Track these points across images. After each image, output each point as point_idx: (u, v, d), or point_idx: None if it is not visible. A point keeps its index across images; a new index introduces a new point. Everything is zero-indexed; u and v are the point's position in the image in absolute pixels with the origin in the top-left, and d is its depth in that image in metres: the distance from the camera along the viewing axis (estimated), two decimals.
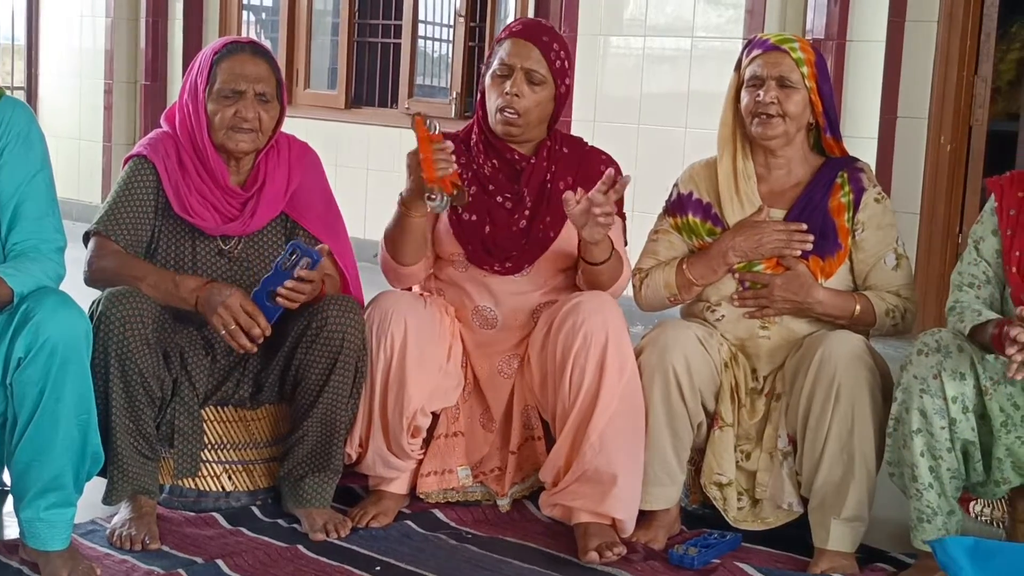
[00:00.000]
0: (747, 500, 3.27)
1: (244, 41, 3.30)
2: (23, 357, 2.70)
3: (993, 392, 2.88)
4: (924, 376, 2.89)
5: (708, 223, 3.35)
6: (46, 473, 2.78)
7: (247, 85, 3.17)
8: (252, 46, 3.27)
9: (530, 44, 3.29)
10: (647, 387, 3.18)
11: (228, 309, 3.02)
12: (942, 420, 2.88)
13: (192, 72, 3.25)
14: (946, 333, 2.93)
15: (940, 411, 2.88)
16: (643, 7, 6.15)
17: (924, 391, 2.88)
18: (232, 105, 3.17)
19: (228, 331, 3.03)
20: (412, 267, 3.35)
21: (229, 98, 3.17)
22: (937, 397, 2.87)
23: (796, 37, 3.37)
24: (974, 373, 2.88)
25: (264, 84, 3.20)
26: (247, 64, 3.19)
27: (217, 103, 3.18)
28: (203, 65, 3.21)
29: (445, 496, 3.40)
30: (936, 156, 5.59)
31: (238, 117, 3.17)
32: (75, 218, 7.52)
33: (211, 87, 3.19)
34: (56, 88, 8.88)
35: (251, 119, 3.18)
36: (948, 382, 2.87)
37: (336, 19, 7.89)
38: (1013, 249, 2.97)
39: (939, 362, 2.88)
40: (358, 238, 3.65)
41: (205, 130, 3.20)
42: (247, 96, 3.17)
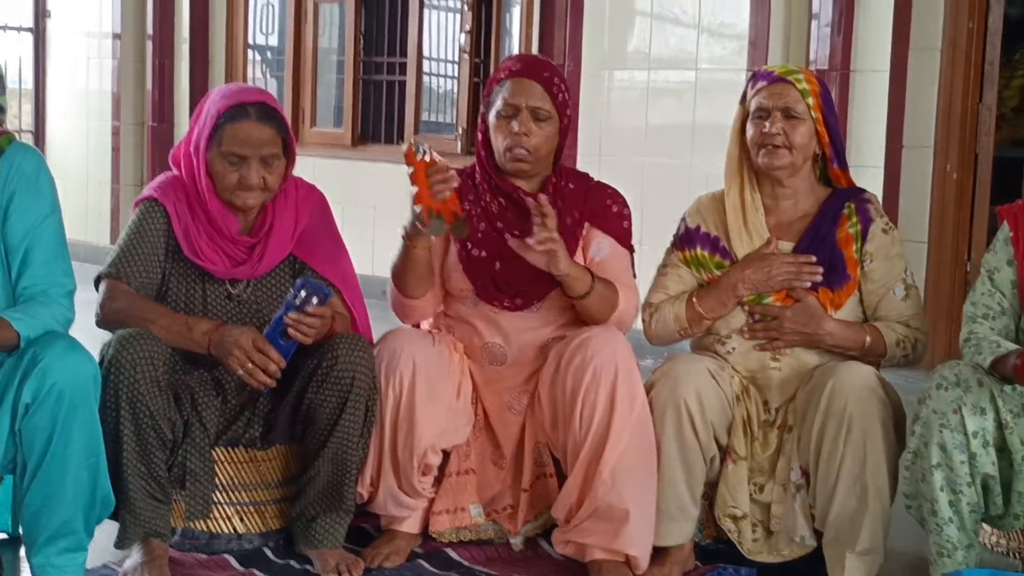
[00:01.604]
0: (762, 532, 3.25)
1: (250, 102, 3.18)
2: (31, 403, 2.70)
3: (1014, 426, 2.86)
4: (944, 411, 2.86)
5: (717, 256, 3.35)
6: (57, 518, 2.77)
7: (251, 151, 3.13)
8: (258, 110, 3.16)
9: (532, 82, 3.29)
10: (659, 421, 3.17)
11: (242, 349, 3.02)
12: (962, 455, 2.86)
13: (197, 124, 3.21)
14: (965, 367, 2.91)
15: (960, 446, 2.85)
16: (647, 40, 6.16)
17: (944, 426, 2.86)
18: (236, 170, 3.14)
19: (245, 370, 3.02)
20: (419, 300, 3.34)
21: (234, 164, 3.14)
22: (957, 432, 2.85)
23: (800, 68, 3.38)
24: (994, 407, 2.86)
25: (269, 147, 3.16)
26: (252, 130, 3.13)
27: (222, 165, 3.15)
28: (207, 122, 3.16)
29: (457, 535, 3.38)
30: (943, 184, 5.59)
31: (243, 181, 3.15)
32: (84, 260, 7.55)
33: (215, 146, 3.15)
34: (64, 130, 8.92)
35: (256, 183, 3.16)
36: (968, 417, 2.84)
37: (341, 57, 7.93)
38: None
39: (959, 396, 2.86)
40: (366, 275, 3.65)
41: (206, 188, 3.18)
42: (251, 161, 3.14)
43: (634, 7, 6.22)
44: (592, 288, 3.21)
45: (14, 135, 2.95)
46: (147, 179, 7.83)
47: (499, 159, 3.32)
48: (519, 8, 6.71)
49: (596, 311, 3.25)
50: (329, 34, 8.10)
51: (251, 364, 3.01)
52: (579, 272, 3.20)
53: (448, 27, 7.59)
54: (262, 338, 3.03)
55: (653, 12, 6.14)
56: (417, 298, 3.33)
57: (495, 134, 3.31)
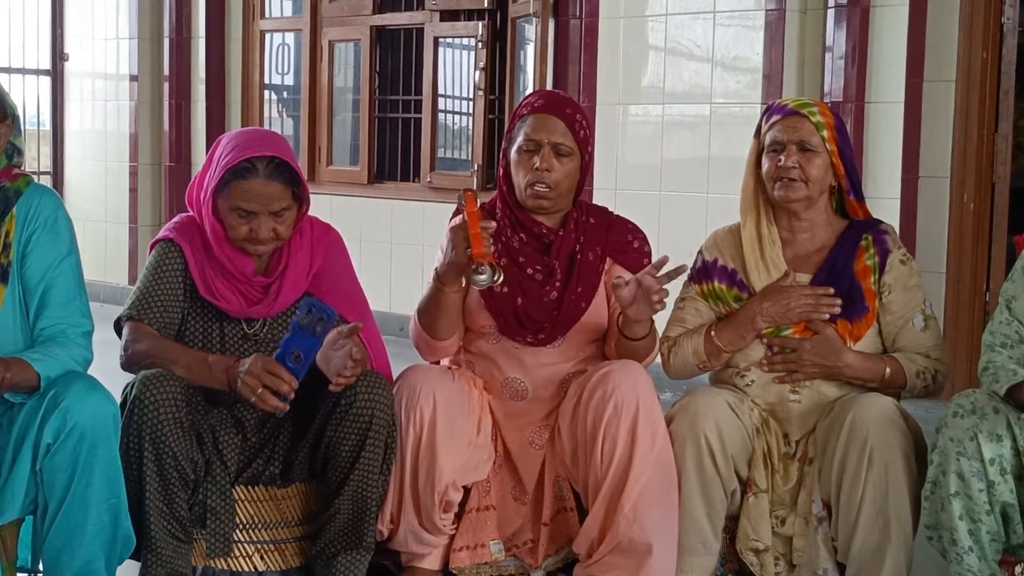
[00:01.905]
0: (784, 565, 3.24)
1: (259, 156, 3.11)
2: (52, 443, 2.71)
3: None
4: (961, 439, 2.85)
5: (734, 289, 3.35)
6: (78, 559, 2.78)
7: (260, 207, 3.11)
8: (267, 166, 3.11)
9: (554, 118, 3.30)
10: (679, 455, 3.17)
11: (252, 375, 3.00)
12: (980, 483, 2.84)
13: (208, 171, 3.19)
14: (981, 395, 2.91)
15: (978, 473, 2.84)
16: (661, 75, 6.17)
17: (961, 454, 2.85)
18: (247, 223, 3.13)
19: (257, 396, 3.00)
20: (446, 341, 3.35)
21: (243, 217, 3.13)
22: (974, 460, 2.84)
23: (815, 101, 3.38)
24: (1011, 434, 2.85)
25: (279, 202, 3.13)
26: (260, 188, 3.10)
27: (231, 217, 3.13)
28: (215, 174, 3.14)
29: (478, 571, 3.37)
30: (960, 214, 5.58)
31: (252, 234, 3.14)
32: (103, 300, 7.59)
33: (224, 199, 3.13)
34: (82, 172, 8.97)
35: (266, 237, 3.15)
36: (985, 444, 2.83)
37: (357, 96, 7.96)
38: None
39: (975, 424, 2.85)
40: (383, 312, 3.66)
41: (215, 236, 3.18)
42: (261, 216, 3.12)
43: (648, 42, 6.23)
44: (651, 330, 3.23)
45: (32, 177, 2.97)
46: (165, 219, 7.85)
47: (520, 195, 3.33)
48: (533, 45, 6.72)
49: (644, 352, 3.28)
50: (344, 73, 8.13)
51: (262, 389, 2.99)
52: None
53: (463, 64, 7.61)
54: (272, 361, 3.01)
55: (667, 47, 6.16)
56: (445, 339, 3.34)
57: (516, 170, 3.32)
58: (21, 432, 2.76)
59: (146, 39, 8.48)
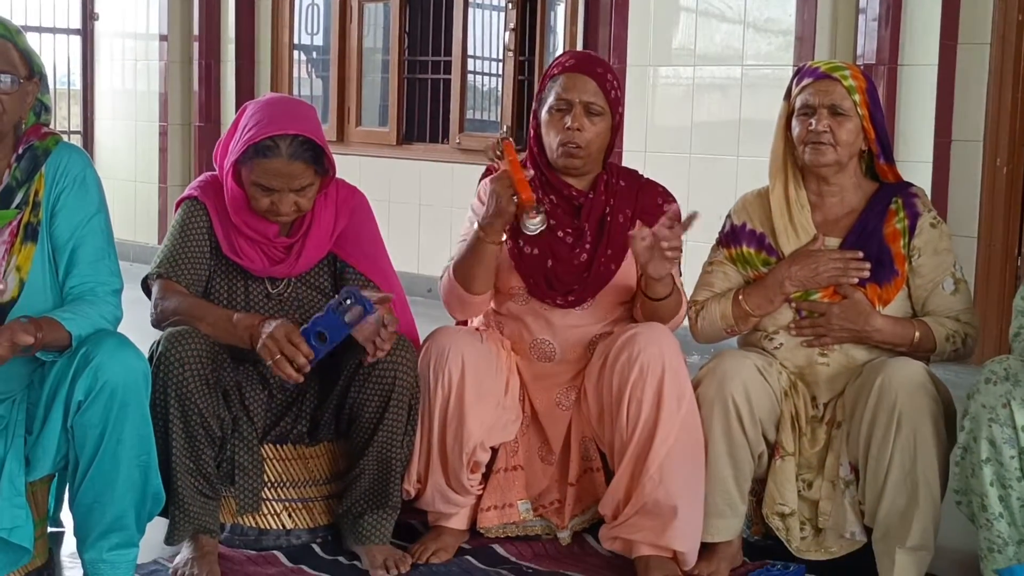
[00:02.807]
0: (810, 529, 3.24)
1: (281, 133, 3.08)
2: (83, 400, 2.72)
3: None
4: (993, 405, 2.84)
5: (763, 253, 3.34)
6: (108, 514, 2.80)
7: (282, 184, 3.11)
8: (290, 146, 3.09)
9: (586, 77, 3.29)
10: (706, 418, 3.17)
11: (274, 340, 3.00)
12: (1012, 449, 2.84)
13: (232, 139, 3.18)
14: (1015, 361, 2.89)
15: (1010, 440, 2.83)
16: (692, 37, 6.15)
17: (993, 420, 2.84)
18: (268, 196, 3.13)
19: (274, 361, 3.00)
20: (481, 296, 3.35)
21: (264, 191, 3.12)
22: (1007, 426, 2.83)
23: (847, 64, 3.35)
24: None
25: (300, 180, 3.13)
26: (282, 167, 3.09)
27: (253, 189, 3.14)
28: (238, 146, 3.13)
29: (505, 531, 3.39)
30: (992, 178, 5.54)
31: (274, 207, 3.15)
32: (132, 259, 7.62)
33: (246, 171, 3.13)
34: (112, 131, 9.00)
35: (287, 211, 3.15)
36: (1018, 411, 2.82)
37: (386, 56, 7.94)
38: None
39: (1008, 391, 2.84)
40: (411, 273, 3.67)
41: (234, 203, 3.19)
42: (282, 192, 3.13)
43: (679, 3, 6.20)
44: (673, 290, 3.23)
45: (61, 136, 2.98)
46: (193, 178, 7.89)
47: (551, 155, 3.33)
48: (564, 5, 6.71)
49: (667, 313, 3.27)
50: (374, 34, 8.11)
51: (280, 355, 2.99)
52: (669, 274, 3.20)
53: (492, 25, 7.59)
54: (296, 332, 3.01)
55: (698, 8, 6.13)
56: (480, 294, 3.34)
57: (547, 129, 3.32)
58: (52, 390, 2.78)
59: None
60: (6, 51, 2.77)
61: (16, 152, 2.86)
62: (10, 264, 2.83)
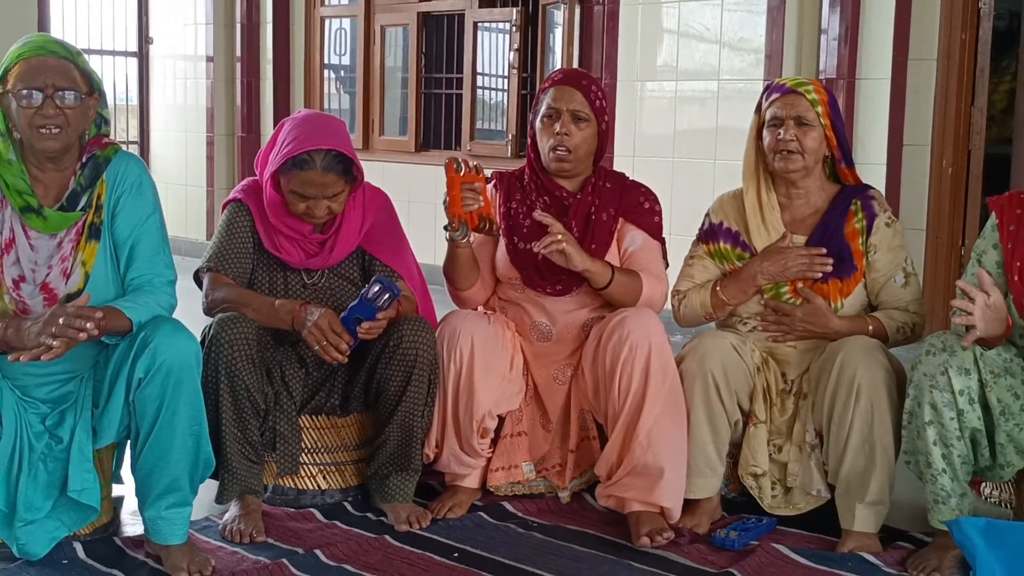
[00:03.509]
0: (780, 488, 3.24)
1: (316, 148, 3.09)
2: (143, 378, 2.73)
3: (993, 385, 2.85)
4: (933, 373, 2.85)
5: (738, 249, 3.33)
6: (166, 477, 2.80)
7: (316, 193, 3.12)
8: (323, 159, 3.10)
9: (572, 88, 3.30)
10: (688, 390, 3.17)
11: (319, 328, 3.04)
12: (951, 412, 2.84)
13: (272, 150, 3.18)
14: (950, 335, 2.90)
15: (949, 404, 2.84)
16: (674, 55, 6.13)
17: (933, 387, 2.85)
18: (304, 202, 3.14)
19: (321, 347, 3.05)
20: (468, 291, 3.37)
21: (300, 198, 3.13)
22: (946, 391, 2.84)
23: (810, 80, 3.34)
24: (977, 368, 2.84)
25: (332, 188, 3.14)
26: (316, 178, 3.10)
27: (290, 196, 3.14)
28: (277, 158, 3.13)
29: (512, 489, 3.40)
30: (939, 179, 5.54)
31: (309, 212, 3.16)
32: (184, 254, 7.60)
33: (284, 180, 3.14)
34: (165, 142, 8.99)
35: (321, 216, 3.17)
36: (955, 377, 2.83)
37: (406, 74, 7.94)
38: (1014, 260, 2.93)
39: (945, 360, 2.84)
40: (429, 264, 3.66)
41: (272, 207, 3.19)
42: (317, 199, 3.13)
43: (663, 25, 6.19)
44: (612, 280, 3.22)
45: (119, 145, 2.97)
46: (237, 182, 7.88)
47: (544, 159, 3.33)
48: (561, 28, 6.69)
49: (620, 298, 3.26)
50: (394, 54, 8.11)
51: (325, 342, 3.03)
52: (598, 267, 3.21)
53: (499, 46, 7.58)
54: (338, 321, 3.05)
55: (680, 30, 6.12)
56: (465, 289, 3.36)
57: (540, 136, 3.32)
58: (116, 369, 2.78)
59: (221, 24, 8.48)
60: (69, 71, 2.77)
61: (80, 160, 2.86)
62: (76, 259, 2.83)
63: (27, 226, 2.81)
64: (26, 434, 2.81)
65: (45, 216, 2.81)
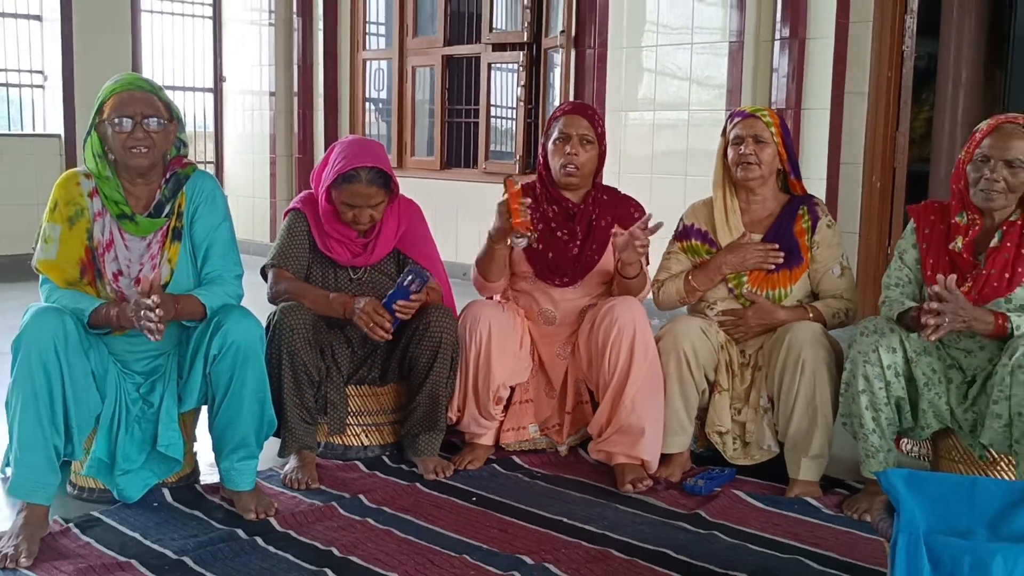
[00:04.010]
0: (739, 444, 3.24)
1: (361, 166, 3.10)
2: (216, 355, 2.73)
3: (917, 361, 2.84)
4: (866, 351, 2.84)
5: (706, 245, 3.32)
6: (236, 435, 2.80)
7: (361, 203, 3.13)
8: (368, 174, 3.11)
9: (580, 116, 3.28)
10: (665, 364, 3.16)
11: (366, 313, 3.05)
12: (880, 383, 2.83)
13: (325, 168, 3.18)
14: (880, 320, 2.89)
15: (879, 376, 2.83)
16: (652, 89, 6.11)
17: (866, 362, 2.84)
18: (352, 211, 3.14)
19: (368, 328, 3.05)
20: (496, 283, 3.35)
21: (349, 207, 3.14)
22: (876, 366, 2.83)
23: (765, 108, 3.33)
24: (903, 347, 2.83)
25: (375, 199, 3.14)
26: (362, 190, 3.11)
27: (340, 206, 3.15)
28: (330, 175, 3.13)
29: (520, 446, 3.39)
30: (870, 191, 5.51)
31: (356, 219, 3.16)
32: (252, 253, 7.60)
33: (335, 192, 3.14)
34: (236, 162, 8.99)
35: (366, 222, 3.17)
36: (884, 355, 2.82)
37: (432, 106, 7.93)
38: (928, 258, 2.93)
39: (876, 340, 2.83)
40: (451, 261, 3.66)
41: (326, 215, 3.19)
42: (362, 208, 3.14)
43: (643, 65, 6.17)
44: (640, 272, 3.21)
45: (197, 165, 2.97)
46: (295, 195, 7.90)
47: (555, 175, 3.31)
48: (560, 68, 6.67)
49: (635, 287, 3.24)
50: (423, 89, 8.09)
51: (372, 324, 3.04)
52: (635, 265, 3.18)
53: (509, 83, 7.56)
54: (380, 305, 3.06)
55: (656, 69, 6.09)
56: (495, 282, 3.34)
57: (553, 157, 3.30)
58: (195, 347, 2.78)
59: (281, 65, 8.47)
60: (153, 102, 2.77)
61: (165, 177, 2.86)
62: (163, 257, 2.83)
63: (122, 230, 2.81)
64: (124, 400, 2.82)
65: (137, 222, 2.81)
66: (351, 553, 2.57)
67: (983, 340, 2.82)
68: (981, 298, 2.78)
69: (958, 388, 2.86)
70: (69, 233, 2.77)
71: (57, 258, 2.75)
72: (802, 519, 2.89)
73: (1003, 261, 2.80)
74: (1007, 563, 1.78)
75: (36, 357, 2.58)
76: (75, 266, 2.76)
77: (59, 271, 2.75)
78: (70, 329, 2.63)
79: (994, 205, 2.81)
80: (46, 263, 2.75)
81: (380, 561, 2.52)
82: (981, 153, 2.80)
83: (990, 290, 2.79)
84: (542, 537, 2.71)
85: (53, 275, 2.74)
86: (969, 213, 2.87)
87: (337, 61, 8.31)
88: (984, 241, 2.86)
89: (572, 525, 2.79)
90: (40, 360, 2.58)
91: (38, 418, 2.59)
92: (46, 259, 2.74)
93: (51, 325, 2.60)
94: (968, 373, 2.87)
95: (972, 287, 2.79)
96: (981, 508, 2.03)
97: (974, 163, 2.83)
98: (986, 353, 2.84)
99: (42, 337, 2.59)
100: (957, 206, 2.90)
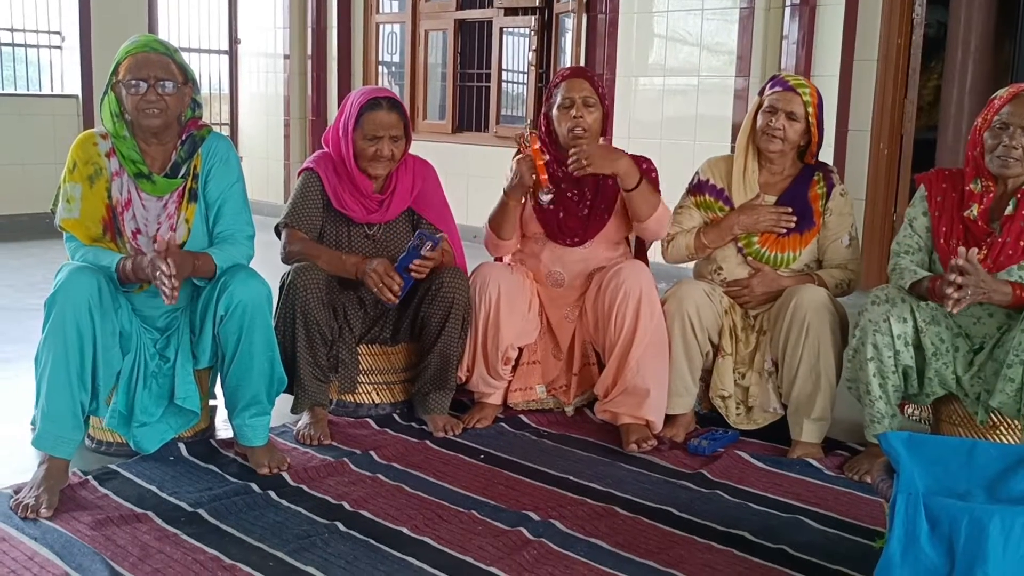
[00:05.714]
0: (743, 408, 3.24)
1: (382, 96, 3.19)
2: (223, 315, 2.74)
3: (926, 331, 2.82)
4: (877, 320, 2.83)
5: (720, 203, 3.30)
6: (248, 392, 2.82)
7: (384, 131, 3.14)
8: (388, 101, 3.18)
9: (581, 80, 3.26)
10: (670, 327, 3.16)
11: (376, 273, 3.05)
12: (889, 351, 2.82)
13: (343, 113, 3.21)
14: (892, 288, 2.87)
15: (888, 345, 2.82)
16: (663, 55, 6.07)
17: (876, 331, 2.82)
18: (373, 145, 3.15)
19: (378, 288, 3.05)
20: (508, 241, 3.34)
21: (371, 141, 3.15)
22: (886, 335, 2.82)
23: (807, 83, 3.23)
24: (913, 317, 2.82)
25: (395, 128, 3.16)
26: (383, 117, 3.14)
27: (362, 142, 3.15)
28: (352, 112, 3.16)
29: (528, 405, 3.40)
30: (877, 158, 5.48)
31: (378, 153, 3.16)
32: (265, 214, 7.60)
33: (358, 129, 3.16)
34: (250, 123, 8.98)
35: (386, 155, 3.17)
36: (895, 324, 2.81)
37: (444, 70, 7.89)
38: (940, 226, 2.90)
39: (887, 310, 2.82)
40: (462, 223, 3.65)
41: (352, 160, 3.19)
42: (384, 139, 3.15)
43: (653, 31, 6.12)
44: (640, 183, 3.14)
45: (212, 127, 2.97)
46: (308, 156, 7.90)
47: (562, 139, 3.29)
48: (571, 33, 6.63)
49: (642, 204, 3.16)
50: (435, 53, 8.04)
51: (382, 284, 3.04)
52: (630, 169, 3.12)
53: (520, 47, 7.52)
54: (391, 267, 3.06)
55: (667, 35, 6.05)
56: (508, 239, 3.33)
57: (559, 121, 3.28)
58: (204, 307, 2.79)
59: (295, 28, 8.43)
60: (167, 65, 2.76)
61: (180, 138, 2.86)
62: (180, 216, 2.83)
63: (140, 189, 2.81)
64: (143, 354, 2.83)
65: (154, 181, 2.81)
66: (362, 508, 2.59)
67: (992, 308, 2.81)
68: (996, 266, 2.76)
69: (964, 356, 2.85)
70: (90, 191, 2.77)
71: (81, 216, 2.76)
72: (804, 480, 2.90)
73: (1018, 229, 2.78)
74: (1004, 524, 1.79)
75: (71, 315, 2.59)
76: (98, 224, 2.77)
77: (83, 228, 2.76)
78: (104, 289, 2.65)
79: (1010, 172, 2.79)
80: (70, 221, 2.76)
81: (390, 516, 2.55)
82: (1000, 120, 2.78)
83: (1005, 258, 2.77)
84: (548, 494, 2.72)
85: (79, 232, 2.76)
86: (983, 180, 2.84)
87: (351, 24, 8.26)
88: (998, 209, 2.84)
89: (577, 483, 2.81)
90: (74, 318, 2.59)
91: (68, 375, 2.61)
92: (70, 218, 2.76)
93: (86, 285, 2.61)
94: (976, 341, 2.86)
95: (987, 255, 2.78)
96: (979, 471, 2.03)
97: (992, 130, 2.80)
98: (995, 320, 2.83)
99: (77, 296, 2.60)
100: (972, 173, 2.87)
